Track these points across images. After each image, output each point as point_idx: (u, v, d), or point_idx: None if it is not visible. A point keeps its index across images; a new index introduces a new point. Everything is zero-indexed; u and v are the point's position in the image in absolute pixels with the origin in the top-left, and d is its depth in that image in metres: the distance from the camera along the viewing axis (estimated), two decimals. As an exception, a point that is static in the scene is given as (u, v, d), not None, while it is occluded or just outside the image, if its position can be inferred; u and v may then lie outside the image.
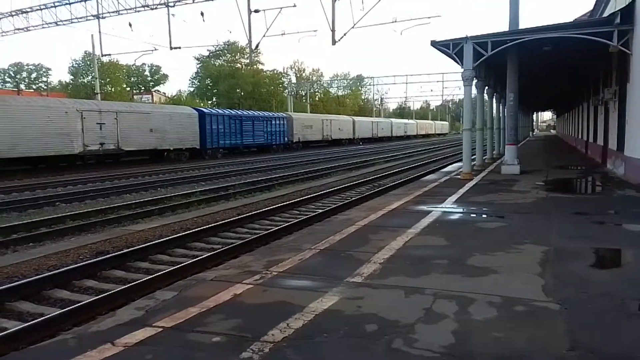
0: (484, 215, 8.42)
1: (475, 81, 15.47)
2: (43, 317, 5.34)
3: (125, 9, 28.60)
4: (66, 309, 5.58)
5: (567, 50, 14.91)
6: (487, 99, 20.49)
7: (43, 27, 31.90)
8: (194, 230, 9.66)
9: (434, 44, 13.78)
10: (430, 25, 73.80)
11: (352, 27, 26.01)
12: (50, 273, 6.94)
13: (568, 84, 25.66)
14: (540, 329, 3.57)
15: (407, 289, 4.49)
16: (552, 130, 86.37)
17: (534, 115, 73.88)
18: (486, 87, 18.75)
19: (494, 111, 24.35)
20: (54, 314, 5.42)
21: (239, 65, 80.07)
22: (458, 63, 13.68)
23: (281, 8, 26.56)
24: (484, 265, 5.23)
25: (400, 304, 4.16)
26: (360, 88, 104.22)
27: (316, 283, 4.72)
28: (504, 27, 19.47)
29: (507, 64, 14.93)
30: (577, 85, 25.43)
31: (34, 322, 5.20)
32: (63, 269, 7.10)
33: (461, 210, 8.99)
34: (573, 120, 34.40)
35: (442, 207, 9.09)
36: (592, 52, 14.58)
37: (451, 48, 13.55)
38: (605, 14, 15.96)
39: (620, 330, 3.59)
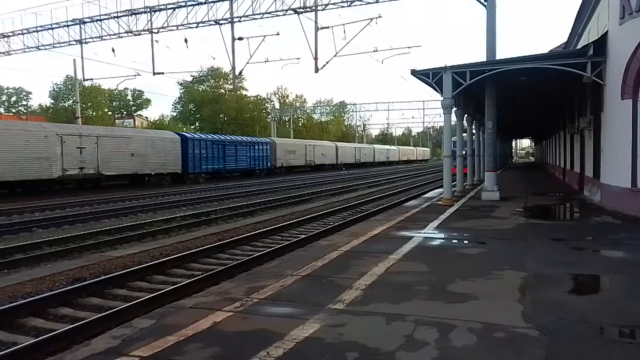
0: (465, 241, 8.49)
1: (454, 109, 15.76)
2: (16, 347, 5.18)
3: (109, 35, 28.63)
4: (40, 337, 5.44)
5: (543, 80, 15.33)
6: (466, 126, 20.85)
7: (24, 52, 31.77)
8: (173, 257, 9.53)
9: (414, 73, 14.08)
10: (410, 54, 75.41)
11: (335, 55, 26.39)
12: (24, 300, 6.76)
13: (545, 112, 26.30)
14: (520, 356, 3.59)
15: (388, 316, 4.48)
16: (530, 157, 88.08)
17: (513, 143, 75.29)
18: (465, 115, 19.10)
19: (474, 138, 24.74)
20: (27, 343, 5.27)
21: (222, 90, 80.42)
22: (438, 91, 13.96)
23: (264, 36, 26.87)
24: (465, 291, 5.25)
25: (381, 331, 4.14)
26: (343, 114, 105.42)
27: (297, 310, 4.69)
28: (482, 56, 20.08)
29: (486, 92, 15.26)
30: (554, 113, 26.07)
31: (6, 351, 5.05)
32: (38, 297, 6.94)
33: (442, 236, 9.06)
34: (551, 147, 35.12)
35: (423, 233, 9.15)
36: (568, 83, 15.02)
37: (431, 77, 13.86)
38: (579, 46, 16.49)
39: (598, 356, 3.63)
